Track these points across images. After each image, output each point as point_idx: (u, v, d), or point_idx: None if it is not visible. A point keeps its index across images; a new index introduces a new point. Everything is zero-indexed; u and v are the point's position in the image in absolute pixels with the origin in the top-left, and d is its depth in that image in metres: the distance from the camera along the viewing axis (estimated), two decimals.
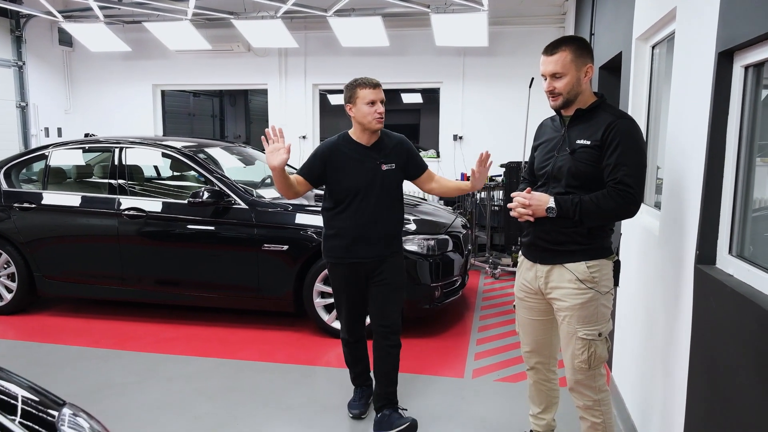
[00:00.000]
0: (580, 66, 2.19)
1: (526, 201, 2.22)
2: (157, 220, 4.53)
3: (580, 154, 2.19)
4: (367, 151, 2.92)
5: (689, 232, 2.11)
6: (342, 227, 2.91)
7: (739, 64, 1.87)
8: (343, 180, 2.88)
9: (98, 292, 4.74)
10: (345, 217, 2.90)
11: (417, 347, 4.16)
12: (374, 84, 2.84)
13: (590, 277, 2.18)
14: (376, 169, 2.90)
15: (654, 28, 2.88)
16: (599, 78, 4.33)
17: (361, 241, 2.90)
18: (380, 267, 2.94)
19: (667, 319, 2.32)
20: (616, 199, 2.10)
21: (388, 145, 2.98)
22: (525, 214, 2.22)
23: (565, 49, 2.18)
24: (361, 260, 2.92)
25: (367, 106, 2.81)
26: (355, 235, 2.89)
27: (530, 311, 2.40)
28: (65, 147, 5.08)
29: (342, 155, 2.89)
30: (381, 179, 2.91)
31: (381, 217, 2.92)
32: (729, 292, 1.72)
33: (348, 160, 2.88)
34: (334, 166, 2.88)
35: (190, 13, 6.57)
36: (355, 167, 2.88)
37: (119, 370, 3.79)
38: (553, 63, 2.19)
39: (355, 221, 2.89)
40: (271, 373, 3.75)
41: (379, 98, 2.83)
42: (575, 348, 2.21)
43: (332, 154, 2.90)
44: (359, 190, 2.88)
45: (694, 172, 2.09)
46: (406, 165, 3.03)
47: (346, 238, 2.91)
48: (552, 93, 2.23)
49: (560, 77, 2.19)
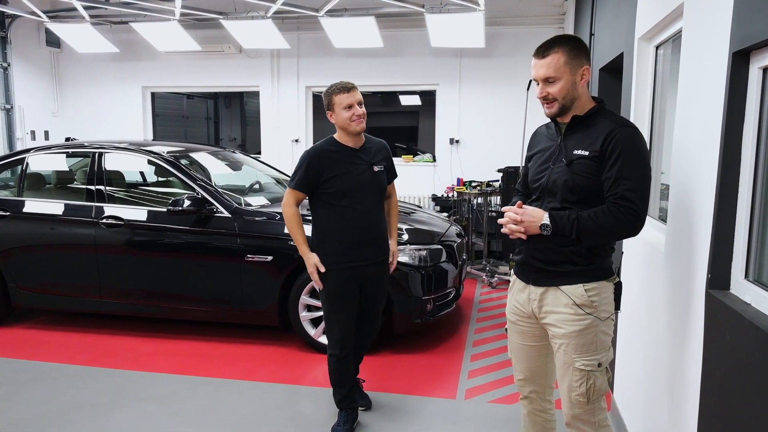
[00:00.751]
0: (576, 68, 1.98)
1: (518, 217, 2.00)
2: (135, 229, 4.32)
3: (578, 166, 1.97)
4: (357, 154, 2.92)
5: (699, 252, 1.89)
6: (340, 231, 2.89)
7: (756, 66, 1.66)
8: (338, 183, 2.85)
9: (75, 304, 4.53)
10: (343, 221, 2.88)
11: (407, 364, 3.94)
12: (348, 88, 2.83)
13: (589, 301, 1.96)
14: (369, 171, 2.92)
15: (658, 26, 2.67)
16: (599, 81, 4.12)
17: (360, 244, 2.91)
18: (376, 270, 2.99)
19: (674, 348, 2.10)
20: (618, 215, 1.88)
21: (374, 148, 3.01)
22: (516, 231, 2.01)
23: (558, 50, 1.96)
24: (360, 263, 2.92)
25: (345, 111, 2.82)
26: (354, 238, 2.89)
27: (523, 336, 2.18)
28: (43, 152, 4.88)
29: (333, 159, 2.87)
30: (374, 180, 2.95)
31: (376, 219, 2.97)
32: (747, 326, 1.50)
33: (340, 164, 2.87)
34: (327, 171, 2.86)
35: (178, 13, 6.37)
36: (349, 170, 2.87)
37: (91, 390, 3.57)
38: (545, 66, 1.98)
39: (354, 224, 2.88)
40: (252, 393, 3.54)
41: (355, 101, 2.83)
42: (572, 380, 1.99)
43: (323, 159, 2.87)
44: (355, 192, 2.88)
45: (705, 183, 1.87)
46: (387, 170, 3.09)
47: (345, 242, 2.88)
48: (546, 99, 2.02)
49: (554, 82, 1.98)
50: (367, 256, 2.93)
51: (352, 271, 2.90)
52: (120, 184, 4.82)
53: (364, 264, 2.93)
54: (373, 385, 3.58)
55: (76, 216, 4.43)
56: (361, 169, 2.90)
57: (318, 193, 2.90)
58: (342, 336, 2.96)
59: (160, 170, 4.74)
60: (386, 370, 3.86)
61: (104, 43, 7.38)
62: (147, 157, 4.56)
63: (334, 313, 2.94)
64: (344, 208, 2.87)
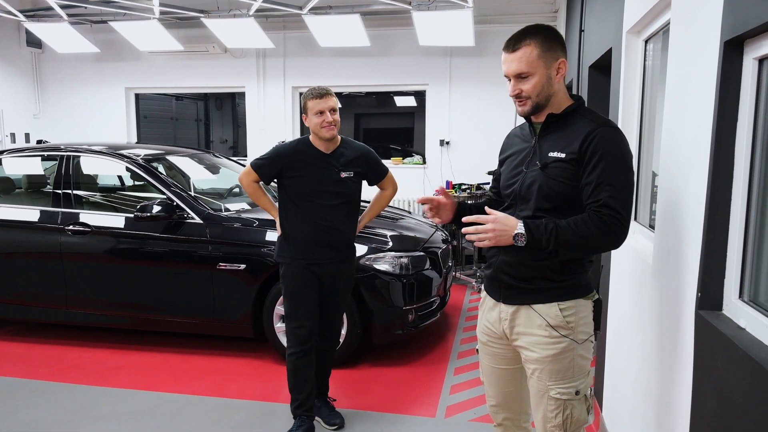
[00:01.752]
0: (550, 62, 1.77)
1: (489, 225, 1.74)
2: (103, 236, 4.11)
3: (553, 170, 1.76)
4: (326, 158, 2.95)
5: (688, 266, 1.69)
6: (301, 229, 2.93)
7: (751, 56, 1.45)
8: (300, 184, 2.91)
9: (40, 314, 4.32)
10: (304, 220, 2.92)
11: (386, 378, 3.73)
12: (321, 94, 2.85)
13: (564, 322, 1.75)
14: (334, 176, 2.94)
15: (647, 18, 2.46)
16: (589, 78, 3.91)
17: (319, 243, 2.94)
18: (335, 272, 3.01)
19: (664, 373, 1.89)
20: (600, 225, 1.66)
21: (349, 155, 3.00)
22: (484, 239, 1.74)
23: (529, 42, 1.75)
24: (317, 262, 2.95)
25: (316, 117, 2.85)
26: (314, 238, 2.93)
27: (494, 358, 1.97)
28: (12, 155, 4.68)
29: (300, 160, 2.92)
30: (338, 186, 2.95)
31: (337, 224, 2.96)
32: (740, 356, 1.29)
33: (306, 165, 2.91)
34: (290, 169, 2.91)
35: (157, 11, 6.17)
36: (313, 172, 2.91)
37: (51, 407, 3.37)
38: (516, 61, 1.76)
39: (314, 225, 2.92)
40: (220, 411, 3.32)
41: (327, 107, 2.84)
42: (547, 410, 1.78)
43: (290, 158, 2.93)
44: (317, 195, 2.91)
45: (694, 188, 1.67)
46: (365, 174, 3.09)
47: (305, 241, 2.94)
48: (518, 97, 1.79)
49: (527, 77, 1.76)
50: (327, 256, 2.96)
51: (312, 268, 2.94)
52: (90, 189, 4.61)
53: (324, 263, 2.96)
54: (347, 402, 3.37)
55: (41, 222, 4.22)
56: (327, 174, 2.92)
57: (284, 188, 2.97)
58: (301, 332, 2.95)
59: (133, 174, 4.54)
60: (363, 384, 3.65)
61: (84, 43, 7.18)
62: (116, 160, 4.35)
63: (293, 308, 2.96)
64: (308, 208, 2.91)
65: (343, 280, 3.09)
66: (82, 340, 4.38)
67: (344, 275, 3.09)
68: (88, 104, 8.05)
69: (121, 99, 8.04)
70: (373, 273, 3.79)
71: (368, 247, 3.87)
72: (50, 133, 7.94)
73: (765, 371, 1.18)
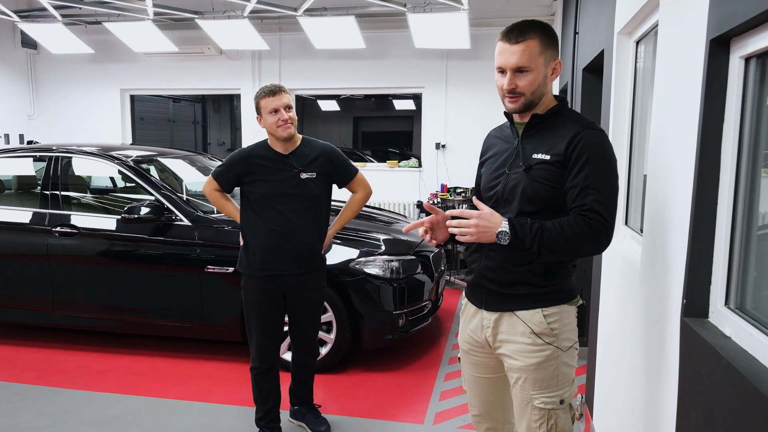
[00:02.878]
0: (549, 60, 1.71)
1: (473, 220, 1.65)
2: (90, 238, 4.06)
3: (537, 172, 1.71)
4: (284, 159, 2.79)
5: (674, 271, 1.64)
6: (260, 237, 2.77)
7: (737, 55, 1.40)
8: (259, 188, 2.76)
9: (26, 317, 4.27)
10: (264, 227, 2.77)
11: (375, 384, 3.68)
12: (273, 91, 2.70)
13: (548, 329, 1.70)
14: (294, 178, 2.77)
15: (637, 19, 2.42)
16: (582, 81, 3.87)
17: (278, 253, 2.76)
18: (298, 284, 2.83)
19: (651, 380, 1.84)
20: (585, 228, 1.60)
21: (310, 154, 2.83)
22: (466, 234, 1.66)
23: (534, 36, 1.68)
24: (278, 273, 2.78)
25: (270, 115, 2.70)
26: (272, 246, 2.76)
27: (476, 367, 1.91)
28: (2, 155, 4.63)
29: (256, 164, 2.78)
30: (299, 189, 2.79)
31: (300, 229, 2.79)
32: (724, 366, 1.24)
33: (263, 169, 2.77)
34: (248, 174, 2.78)
35: (151, 12, 6.14)
36: (272, 176, 2.76)
37: (33, 411, 3.31)
38: (518, 54, 1.68)
39: (272, 232, 2.76)
40: (204, 417, 3.27)
41: (281, 104, 2.69)
42: (531, 419, 1.73)
43: (246, 162, 2.80)
44: (277, 199, 2.76)
45: (680, 192, 1.62)
46: (331, 174, 2.91)
47: (262, 250, 2.77)
48: (513, 92, 1.72)
49: (526, 72, 1.69)
50: (287, 266, 2.78)
51: (271, 279, 2.78)
52: (78, 190, 4.57)
53: (284, 274, 2.78)
54: (335, 408, 3.32)
55: (28, 223, 4.18)
56: (287, 176, 2.77)
57: (244, 195, 2.82)
58: (261, 348, 2.83)
59: (122, 176, 4.49)
60: (352, 390, 3.60)
61: (79, 44, 7.15)
62: (106, 162, 4.30)
63: (253, 322, 2.82)
64: (266, 214, 2.76)
65: (308, 295, 2.88)
66: (69, 343, 4.32)
67: (309, 288, 2.87)
68: (83, 105, 8.01)
69: (116, 100, 8.00)
70: (364, 277, 3.74)
71: (360, 251, 3.82)
72: (44, 135, 7.91)
73: (749, 382, 1.13)
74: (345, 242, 3.88)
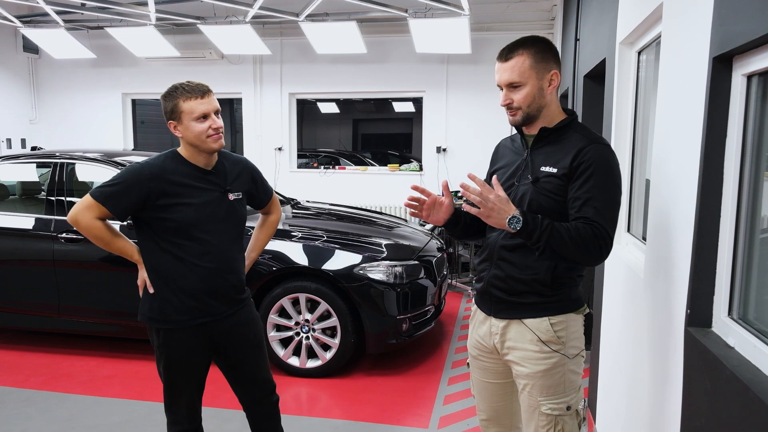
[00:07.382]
0: (543, 73, 1.76)
1: (493, 196, 1.62)
2: None
3: (544, 185, 1.75)
4: (208, 177, 2.19)
5: (678, 281, 1.68)
6: (182, 278, 2.15)
7: (740, 72, 1.44)
8: (180, 214, 2.10)
9: (32, 322, 4.29)
10: (185, 265, 2.14)
11: (380, 388, 3.71)
12: (203, 92, 2.09)
13: (555, 337, 1.74)
14: (221, 199, 2.20)
15: (639, 30, 2.46)
16: (584, 88, 3.91)
17: (210, 294, 2.18)
18: (236, 323, 2.29)
19: (656, 389, 1.88)
20: (591, 237, 1.62)
21: (232, 170, 2.28)
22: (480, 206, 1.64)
23: (522, 52, 1.75)
24: (209, 319, 2.20)
25: (198, 123, 2.08)
26: (206, 289, 2.17)
27: (485, 373, 1.96)
28: (6, 162, 4.66)
29: (174, 182, 2.11)
30: (230, 211, 2.23)
31: (232, 262, 2.25)
32: (728, 377, 1.28)
33: (186, 189, 2.12)
34: (163, 196, 2.09)
35: (153, 17, 6.17)
36: (195, 198, 2.13)
37: (40, 417, 3.34)
38: (509, 70, 1.76)
39: (201, 269, 2.15)
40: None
41: (212, 109, 2.10)
42: (538, 425, 1.77)
43: (158, 180, 2.09)
44: (203, 226, 2.14)
45: (684, 204, 1.66)
46: (252, 193, 2.40)
47: (191, 296, 2.16)
48: (509, 107, 1.80)
49: (518, 87, 1.76)
50: (221, 309, 2.22)
51: (200, 329, 2.20)
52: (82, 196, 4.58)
53: (217, 319, 2.22)
54: (340, 412, 3.36)
55: (34, 229, 4.21)
56: (212, 197, 2.17)
57: (149, 225, 2.14)
58: (192, 408, 2.36)
59: None
60: (356, 394, 3.63)
61: (81, 49, 7.18)
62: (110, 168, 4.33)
63: (178, 384, 2.27)
64: (191, 248, 2.13)
65: (247, 331, 2.34)
66: (75, 348, 4.35)
67: (245, 323, 2.33)
68: (85, 110, 8.04)
69: (118, 105, 8.04)
70: (368, 282, 3.78)
71: (363, 256, 3.86)
72: (46, 139, 7.94)
73: (752, 393, 1.17)
74: (347, 248, 3.92)
